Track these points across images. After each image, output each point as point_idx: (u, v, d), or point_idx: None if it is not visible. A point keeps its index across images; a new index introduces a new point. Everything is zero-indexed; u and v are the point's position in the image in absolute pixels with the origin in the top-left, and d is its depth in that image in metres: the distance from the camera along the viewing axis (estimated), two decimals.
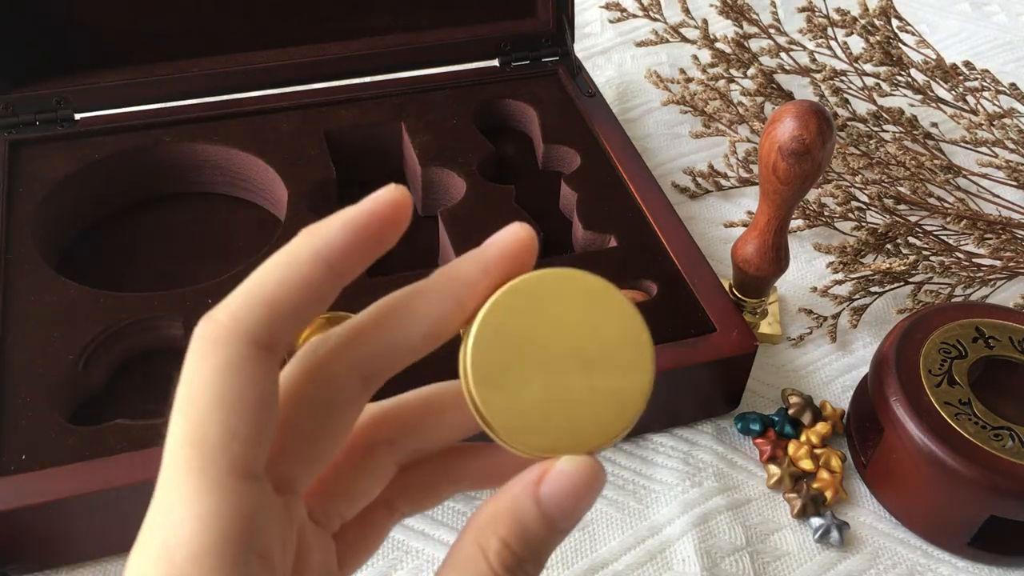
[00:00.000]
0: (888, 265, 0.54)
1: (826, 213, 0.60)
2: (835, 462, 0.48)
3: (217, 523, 0.18)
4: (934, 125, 0.66)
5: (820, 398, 0.52)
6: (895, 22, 0.65)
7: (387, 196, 0.21)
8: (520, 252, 0.22)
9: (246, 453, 0.19)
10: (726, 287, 0.51)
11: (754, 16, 0.68)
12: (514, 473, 0.21)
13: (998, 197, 0.61)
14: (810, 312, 0.56)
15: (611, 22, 0.70)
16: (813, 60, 0.68)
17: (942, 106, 0.64)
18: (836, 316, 0.56)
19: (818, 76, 0.67)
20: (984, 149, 0.62)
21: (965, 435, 0.42)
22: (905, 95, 0.66)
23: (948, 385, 0.45)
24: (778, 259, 0.48)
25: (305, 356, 0.22)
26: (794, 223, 0.60)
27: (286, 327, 0.20)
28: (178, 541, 0.18)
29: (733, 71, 0.68)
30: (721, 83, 0.68)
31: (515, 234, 0.22)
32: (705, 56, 0.72)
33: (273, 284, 0.20)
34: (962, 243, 0.58)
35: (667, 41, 0.68)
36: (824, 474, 0.47)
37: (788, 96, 0.67)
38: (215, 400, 0.19)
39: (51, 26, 0.55)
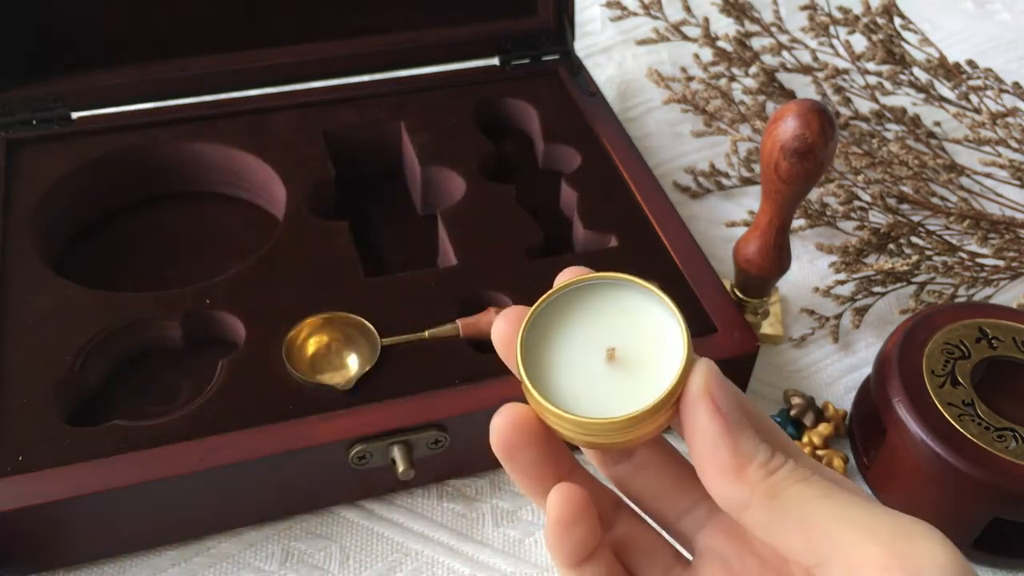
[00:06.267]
0: (891, 265, 0.54)
1: (828, 213, 0.60)
2: (837, 463, 0.48)
3: None
4: (937, 124, 0.66)
5: (822, 399, 0.52)
6: (897, 20, 0.65)
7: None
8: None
9: None
10: (727, 287, 0.50)
11: (755, 14, 0.68)
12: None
13: (1001, 196, 0.61)
14: (812, 312, 0.56)
15: (612, 20, 0.70)
16: (815, 58, 0.68)
17: (945, 105, 0.64)
18: (838, 316, 0.55)
19: (820, 75, 0.66)
20: (987, 148, 0.61)
21: (968, 436, 0.42)
22: (908, 94, 0.66)
23: (951, 386, 0.44)
24: (780, 259, 0.48)
25: None
26: (796, 223, 0.60)
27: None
28: None
29: (735, 69, 0.68)
30: (723, 81, 0.68)
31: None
32: (706, 54, 0.72)
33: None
34: (965, 243, 0.58)
35: (668, 39, 0.67)
36: None
37: (790, 95, 0.67)
38: None
39: (48, 24, 0.55)
